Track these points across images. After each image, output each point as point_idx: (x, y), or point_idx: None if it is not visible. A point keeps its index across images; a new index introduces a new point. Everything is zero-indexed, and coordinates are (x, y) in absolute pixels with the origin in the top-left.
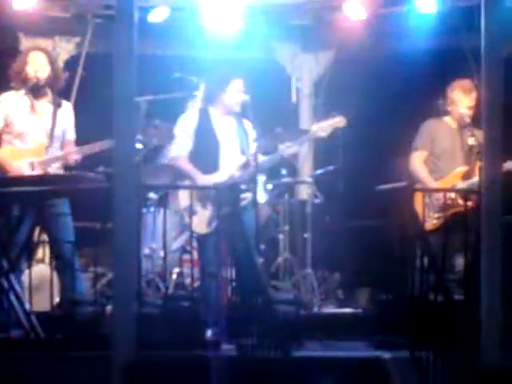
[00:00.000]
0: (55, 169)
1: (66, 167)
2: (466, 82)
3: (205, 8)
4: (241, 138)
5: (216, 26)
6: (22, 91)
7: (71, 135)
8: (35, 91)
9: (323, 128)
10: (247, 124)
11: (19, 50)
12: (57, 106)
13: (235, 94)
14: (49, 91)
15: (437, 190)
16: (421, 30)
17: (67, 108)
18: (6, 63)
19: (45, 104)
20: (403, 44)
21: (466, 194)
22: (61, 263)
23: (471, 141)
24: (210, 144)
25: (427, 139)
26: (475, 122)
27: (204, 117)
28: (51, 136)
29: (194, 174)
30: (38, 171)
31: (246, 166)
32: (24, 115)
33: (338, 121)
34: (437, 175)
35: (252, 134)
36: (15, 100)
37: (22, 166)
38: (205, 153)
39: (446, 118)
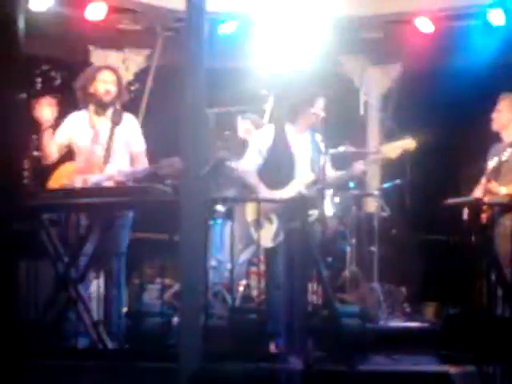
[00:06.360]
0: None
1: (135, 179)
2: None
3: (275, 21)
4: (313, 153)
5: (285, 39)
6: (84, 110)
7: (138, 147)
8: (98, 108)
9: (393, 149)
10: (318, 138)
11: (89, 62)
12: (115, 122)
13: (318, 112)
14: (111, 108)
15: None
16: (491, 43)
17: (130, 121)
18: (75, 76)
19: (104, 120)
20: (473, 58)
21: None
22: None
23: (504, 157)
24: (285, 161)
25: None
26: None
27: (280, 134)
28: (108, 151)
29: (258, 188)
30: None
31: (314, 182)
32: (84, 133)
33: (408, 143)
34: None
35: (322, 147)
36: (78, 118)
37: (77, 182)
38: (277, 169)
39: None
